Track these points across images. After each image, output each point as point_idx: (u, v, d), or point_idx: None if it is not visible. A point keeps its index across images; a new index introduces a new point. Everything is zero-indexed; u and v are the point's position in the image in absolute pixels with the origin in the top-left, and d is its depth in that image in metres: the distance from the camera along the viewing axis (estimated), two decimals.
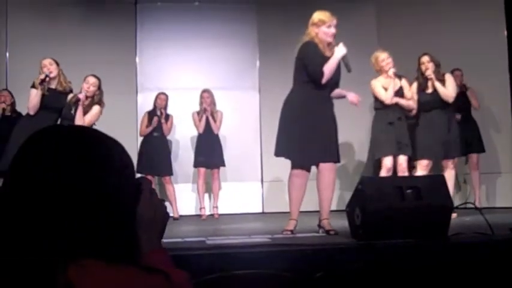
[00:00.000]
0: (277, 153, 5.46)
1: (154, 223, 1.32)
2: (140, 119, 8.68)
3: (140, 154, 8.39)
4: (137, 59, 9.48)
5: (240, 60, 9.49)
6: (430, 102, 6.79)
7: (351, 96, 5.54)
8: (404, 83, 6.83)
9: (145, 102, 8.90)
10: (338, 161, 5.43)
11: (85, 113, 6.53)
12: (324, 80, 5.28)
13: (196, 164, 8.51)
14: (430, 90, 6.82)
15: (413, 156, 6.85)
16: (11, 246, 1.09)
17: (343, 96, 5.58)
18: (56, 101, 6.47)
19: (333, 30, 5.43)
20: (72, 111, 6.49)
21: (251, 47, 9.55)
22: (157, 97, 8.48)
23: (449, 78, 6.88)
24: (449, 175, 6.63)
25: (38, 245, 1.09)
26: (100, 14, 9.26)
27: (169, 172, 8.40)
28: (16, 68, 8.72)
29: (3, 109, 7.73)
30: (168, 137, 8.59)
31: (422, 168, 6.76)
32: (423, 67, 6.84)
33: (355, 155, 9.10)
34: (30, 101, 6.37)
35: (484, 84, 8.29)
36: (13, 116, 7.52)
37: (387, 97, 6.71)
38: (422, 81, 6.86)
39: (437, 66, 6.83)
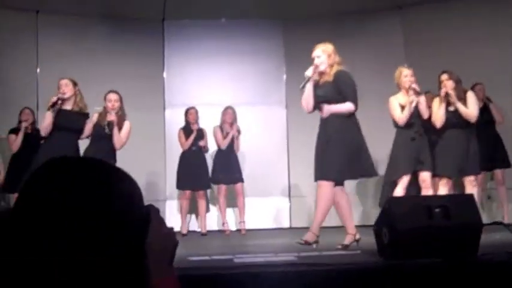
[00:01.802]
0: None
1: (163, 252, 1.32)
2: (169, 135, 8.73)
3: (179, 169, 8.47)
4: (165, 75, 9.56)
5: (266, 76, 9.52)
6: (451, 120, 6.72)
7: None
8: (422, 99, 6.74)
9: (172, 118, 8.97)
10: (331, 179, 5.55)
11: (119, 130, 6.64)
12: (304, 110, 5.85)
13: (216, 181, 8.56)
14: (451, 108, 6.75)
15: (434, 172, 6.78)
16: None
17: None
18: (71, 122, 6.48)
19: (315, 61, 5.70)
20: (107, 131, 6.59)
21: (277, 63, 9.59)
22: (188, 112, 8.54)
23: (471, 96, 6.78)
24: (471, 193, 6.58)
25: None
26: (128, 31, 9.35)
27: (207, 186, 8.46)
28: (47, 84, 8.81)
29: (26, 127, 7.84)
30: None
31: (442, 185, 6.70)
32: (442, 85, 6.77)
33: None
34: (42, 123, 6.51)
35: (508, 98, 8.20)
36: (33, 134, 7.61)
37: (401, 118, 6.67)
38: (443, 98, 6.77)
39: (457, 83, 6.74)
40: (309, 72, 5.63)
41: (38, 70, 9.00)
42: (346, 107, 5.56)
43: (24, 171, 7.10)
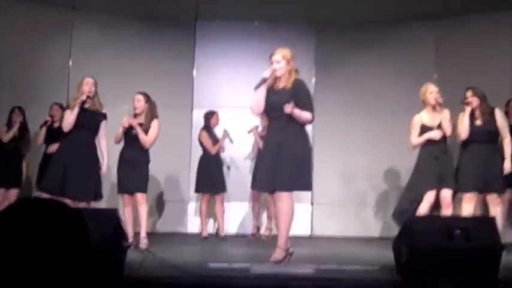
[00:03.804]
0: None
1: None
2: (196, 135, 8.74)
3: (198, 173, 8.50)
4: (194, 76, 9.60)
5: None
6: (478, 134, 6.65)
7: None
8: (445, 114, 6.68)
9: (200, 119, 8.99)
10: (287, 189, 5.29)
11: (146, 130, 6.77)
12: (253, 112, 5.64)
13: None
14: (478, 123, 6.68)
15: (457, 189, 6.70)
16: None
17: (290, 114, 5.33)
18: (90, 121, 6.64)
19: (274, 65, 5.43)
20: (134, 132, 6.77)
21: (307, 68, 9.55)
22: (213, 115, 8.57)
23: (498, 113, 6.73)
24: (494, 211, 6.50)
25: None
26: (160, 30, 9.43)
27: (223, 189, 8.48)
28: (78, 77, 8.92)
29: (46, 122, 7.92)
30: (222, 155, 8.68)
31: (467, 201, 6.59)
32: (467, 102, 6.70)
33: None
34: (65, 119, 6.57)
35: None
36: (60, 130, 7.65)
37: (412, 142, 6.72)
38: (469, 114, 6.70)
39: (481, 99, 6.67)
40: (266, 73, 5.41)
41: (70, 64, 9.08)
42: (307, 115, 5.33)
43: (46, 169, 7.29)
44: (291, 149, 5.25)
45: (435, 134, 6.61)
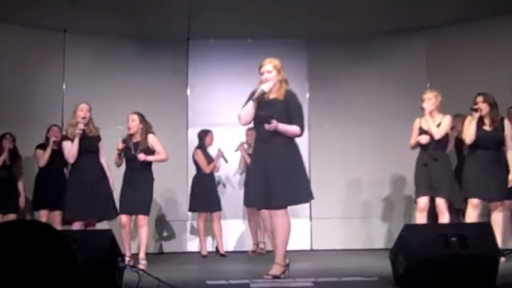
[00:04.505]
0: None
1: None
2: (191, 154, 8.74)
3: (192, 191, 8.51)
4: (188, 94, 9.61)
5: None
6: (485, 140, 6.63)
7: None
8: (444, 120, 6.68)
9: (195, 137, 8.99)
10: (282, 206, 5.28)
11: (144, 149, 6.87)
12: (240, 122, 5.46)
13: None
14: (487, 129, 6.67)
15: (464, 195, 6.68)
16: None
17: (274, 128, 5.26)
18: (92, 146, 6.84)
19: (265, 76, 5.43)
20: (133, 152, 6.88)
21: (301, 82, 9.55)
22: (207, 134, 8.57)
23: (506, 122, 6.71)
24: (497, 217, 6.50)
25: None
26: (153, 49, 9.46)
27: (219, 208, 8.45)
28: (72, 102, 8.93)
29: (54, 142, 7.93)
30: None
31: (472, 206, 6.56)
32: (477, 107, 6.68)
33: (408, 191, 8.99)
34: (69, 151, 6.70)
35: None
36: (60, 151, 7.60)
37: (410, 143, 6.77)
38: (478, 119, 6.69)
39: (492, 106, 6.65)
40: (265, 87, 5.34)
41: (64, 87, 9.08)
42: (294, 129, 5.30)
43: (52, 188, 7.35)
44: (280, 163, 5.21)
45: (421, 138, 6.63)
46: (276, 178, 5.18)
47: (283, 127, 5.23)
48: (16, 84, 8.60)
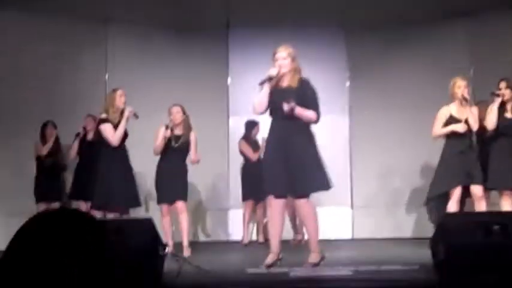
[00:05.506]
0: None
1: None
2: (233, 143, 8.80)
3: (243, 181, 8.61)
4: (229, 83, 9.64)
5: (329, 84, 9.40)
6: (509, 127, 6.54)
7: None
8: (473, 110, 6.55)
9: (236, 126, 9.03)
10: (305, 194, 5.31)
11: (185, 141, 7.00)
12: (255, 111, 5.44)
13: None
14: (508, 115, 6.56)
15: (488, 184, 6.58)
16: None
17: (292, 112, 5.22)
18: (125, 136, 6.84)
19: (279, 62, 5.38)
20: (173, 144, 6.98)
21: (341, 70, 9.53)
22: (255, 126, 8.58)
23: None
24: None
25: None
26: (193, 39, 9.50)
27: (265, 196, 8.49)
28: None
29: (78, 135, 8.04)
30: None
31: (504, 198, 6.50)
32: (500, 93, 6.57)
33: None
34: (115, 135, 6.66)
35: None
36: (96, 141, 7.59)
37: (434, 132, 6.65)
38: (499, 106, 6.57)
39: None
40: (273, 71, 5.32)
41: (107, 77, 9.19)
42: (310, 114, 5.28)
43: (90, 178, 7.41)
44: (298, 149, 5.21)
45: (459, 127, 6.49)
46: (296, 166, 5.18)
47: (300, 110, 5.21)
48: (57, 74, 8.69)
